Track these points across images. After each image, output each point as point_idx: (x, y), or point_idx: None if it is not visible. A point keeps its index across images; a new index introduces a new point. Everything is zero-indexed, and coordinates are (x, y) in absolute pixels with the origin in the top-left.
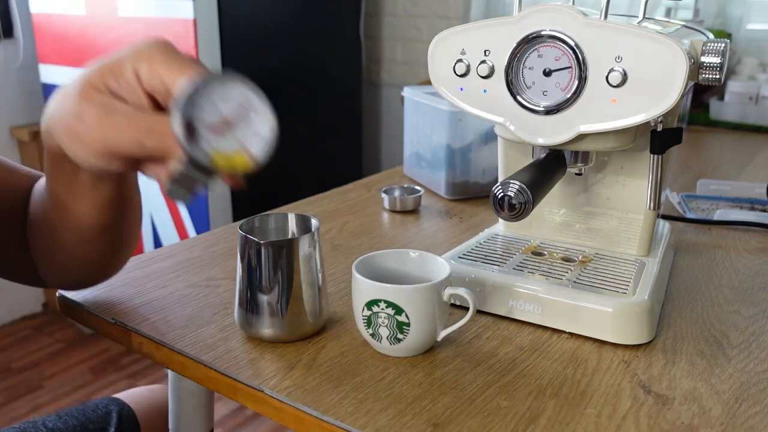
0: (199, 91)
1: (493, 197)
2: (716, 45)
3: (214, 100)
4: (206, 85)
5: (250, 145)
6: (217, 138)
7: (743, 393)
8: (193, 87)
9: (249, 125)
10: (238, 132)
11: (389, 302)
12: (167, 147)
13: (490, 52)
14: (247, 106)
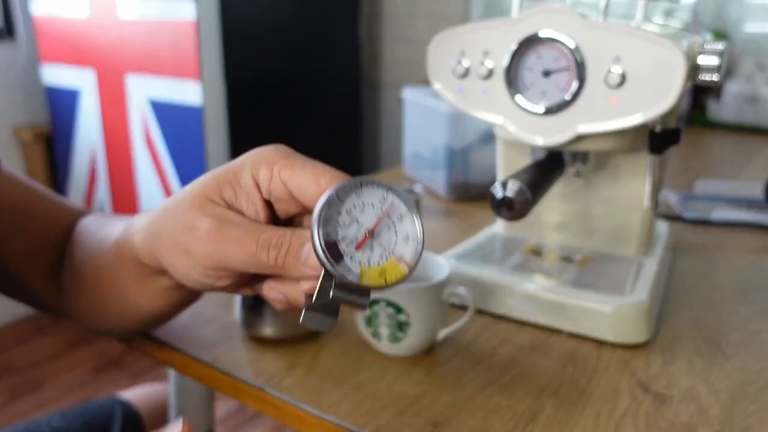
0: (335, 205)
1: (493, 197)
2: (714, 46)
3: (352, 211)
4: (342, 195)
5: (401, 251)
6: (362, 252)
7: (741, 392)
8: (329, 199)
9: (393, 229)
10: (384, 239)
11: (389, 302)
12: (287, 263)
13: (489, 53)
14: (388, 209)
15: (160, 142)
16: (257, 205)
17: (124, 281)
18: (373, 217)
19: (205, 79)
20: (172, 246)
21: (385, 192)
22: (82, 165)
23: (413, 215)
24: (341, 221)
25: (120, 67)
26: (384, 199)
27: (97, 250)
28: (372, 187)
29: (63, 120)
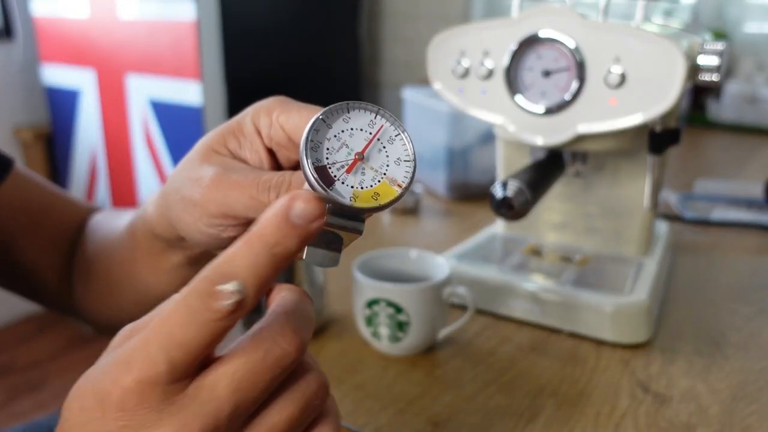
0: (323, 130)
1: (493, 197)
2: (714, 46)
3: (340, 135)
4: (329, 120)
5: (393, 173)
6: (354, 176)
7: (741, 391)
8: (316, 125)
9: (384, 152)
10: (374, 162)
11: (389, 302)
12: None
13: (489, 53)
14: (377, 132)
15: (160, 142)
16: (260, 153)
17: (137, 264)
18: (362, 140)
19: (205, 79)
20: (179, 200)
21: (374, 115)
22: (82, 165)
23: (404, 137)
24: (330, 146)
25: (120, 67)
26: (372, 122)
27: (108, 239)
28: (359, 111)
29: (63, 120)
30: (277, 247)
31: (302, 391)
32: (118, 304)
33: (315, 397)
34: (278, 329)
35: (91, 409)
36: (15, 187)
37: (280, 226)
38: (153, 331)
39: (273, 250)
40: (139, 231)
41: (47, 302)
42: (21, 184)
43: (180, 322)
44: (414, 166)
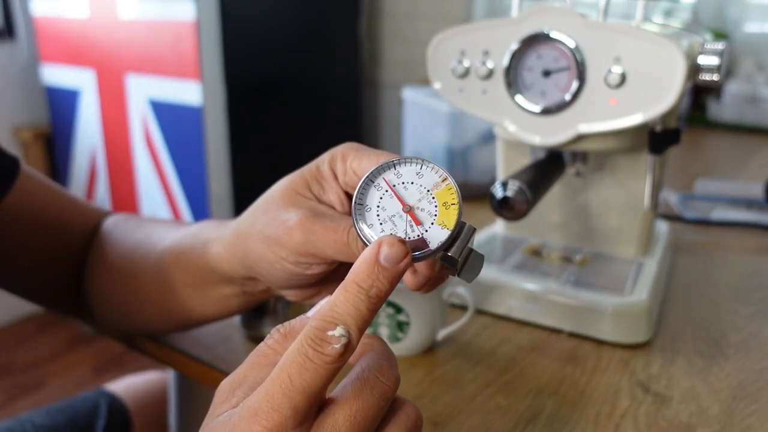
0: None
1: (493, 197)
2: (714, 46)
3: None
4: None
5: (444, 178)
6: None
7: (741, 392)
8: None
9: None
10: (425, 207)
11: (389, 302)
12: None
13: (489, 53)
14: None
15: (159, 142)
16: (340, 196)
17: (180, 287)
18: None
19: (205, 79)
20: (263, 240)
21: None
22: (82, 165)
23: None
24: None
25: (120, 67)
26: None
27: (139, 253)
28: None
29: (63, 120)
30: (373, 290)
31: (404, 422)
32: (144, 317)
33: (415, 426)
34: (377, 369)
35: None
36: (24, 190)
37: (372, 271)
38: (274, 381)
39: (369, 293)
40: (193, 262)
41: (58, 306)
42: (30, 187)
43: (298, 370)
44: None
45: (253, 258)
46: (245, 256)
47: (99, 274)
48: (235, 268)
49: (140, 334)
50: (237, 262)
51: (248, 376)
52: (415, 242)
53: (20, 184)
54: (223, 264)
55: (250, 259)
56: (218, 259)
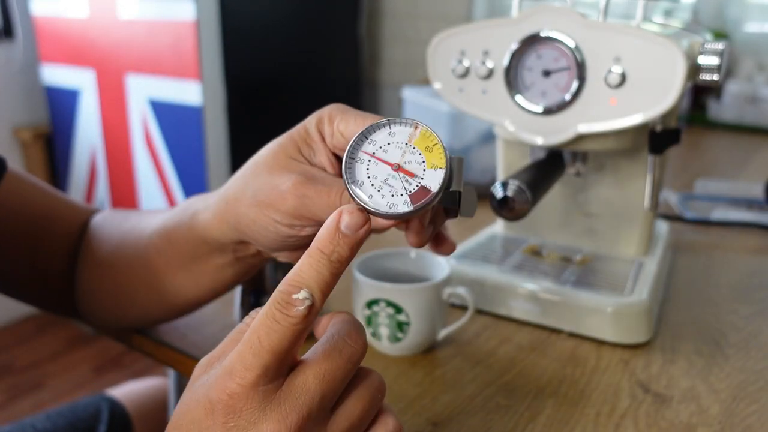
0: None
1: (493, 197)
2: (714, 46)
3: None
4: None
5: (415, 125)
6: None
7: (741, 392)
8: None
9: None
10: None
11: (389, 302)
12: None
13: (489, 52)
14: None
15: (159, 142)
16: (329, 157)
17: (173, 267)
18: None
19: (205, 79)
20: (255, 204)
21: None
22: (81, 165)
23: (441, 145)
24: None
25: (120, 67)
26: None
27: (127, 242)
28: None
29: (63, 120)
30: (334, 255)
31: (368, 386)
32: (138, 306)
33: (378, 391)
34: (346, 334)
35: (201, 419)
36: (10, 190)
37: (333, 237)
38: (245, 343)
39: (331, 258)
40: (182, 237)
41: (51, 307)
42: (18, 188)
43: (266, 331)
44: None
45: (245, 222)
46: (237, 221)
47: (89, 271)
48: (226, 233)
49: (136, 326)
50: (228, 227)
51: (226, 351)
52: (417, 194)
53: (6, 184)
54: (214, 231)
55: (242, 224)
56: (208, 227)
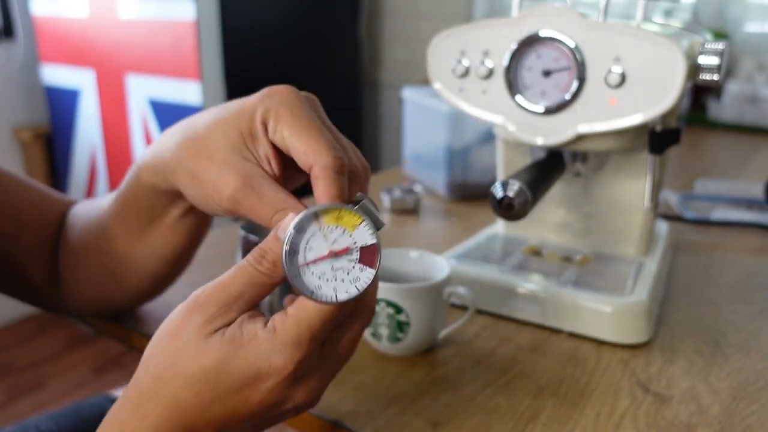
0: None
1: (493, 197)
2: (714, 46)
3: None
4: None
5: (313, 213)
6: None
7: (741, 392)
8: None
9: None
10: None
11: (389, 302)
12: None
13: (489, 52)
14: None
15: None
16: (267, 153)
17: (135, 232)
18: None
19: (205, 79)
20: (193, 185)
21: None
22: (81, 165)
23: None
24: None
25: (120, 67)
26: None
27: (95, 222)
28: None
29: (63, 120)
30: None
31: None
32: (117, 283)
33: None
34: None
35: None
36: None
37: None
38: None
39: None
40: (135, 199)
41: (36, 302)
42: (3, 180)
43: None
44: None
45: (183, 190)
46: (175, 183)
47: (67, 261)
48: (171, 179)
49: (124, 305)
50: (173, 174)
51: (244, 293)
52: (364, 254)
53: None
54: (160, 183)
55: (180, 189)
56: (153, 179)
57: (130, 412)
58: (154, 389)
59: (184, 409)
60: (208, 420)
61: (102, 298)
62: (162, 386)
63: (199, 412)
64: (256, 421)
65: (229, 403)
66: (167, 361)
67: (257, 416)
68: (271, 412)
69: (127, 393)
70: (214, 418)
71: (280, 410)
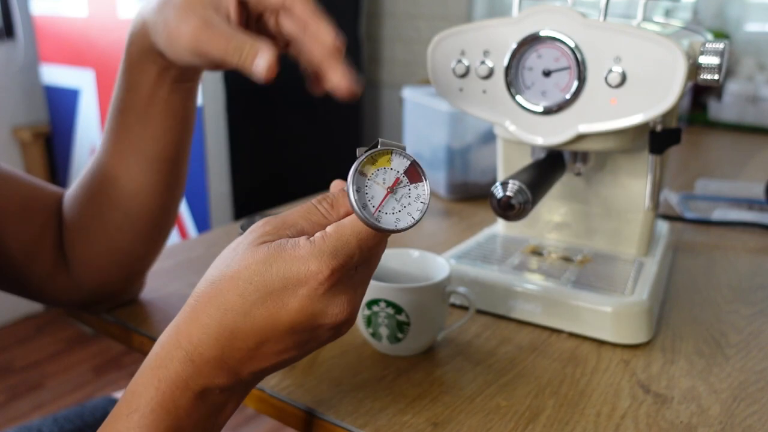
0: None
1: (493, 197)
2: (715, 46)
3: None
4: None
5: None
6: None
7: (742, 392)
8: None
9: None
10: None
11: (389, 302)
12: (246, 66)
13: (489, 52)
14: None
15: None
16: (235, 7)
17: (130, 147)
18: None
19: (205, 79)
20: (167, 34)
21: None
22: (81, 165)
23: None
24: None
25: None
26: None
27: (90, 181)
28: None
29: (62, 120)
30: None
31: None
32: (131, 225)
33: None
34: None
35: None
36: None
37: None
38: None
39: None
40: (138, 66)
41: (38, 296)
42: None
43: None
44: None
45: (157, 42)
46: (155, 39)
47: (76, 235)
48: (151, 43)
49: (138, 264)
50: (148, 42)
51: (298, 223)
52: (411, 175)
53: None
54: (144, 48)
55: (158, 42)
56: (139, 48)
57: (185, 314)
58: (206, 292)
59: (230, 310)
60: (251, 324)
61: (119, 259)
62: (213, 289)
63: (242, 314)
64: (297, 336)
65: (270, 306)
66: (221, 267)
67: (297, 328)
68: (310, 325)
69: (187, 301)
70: (257, 324)
71: (317, 323)
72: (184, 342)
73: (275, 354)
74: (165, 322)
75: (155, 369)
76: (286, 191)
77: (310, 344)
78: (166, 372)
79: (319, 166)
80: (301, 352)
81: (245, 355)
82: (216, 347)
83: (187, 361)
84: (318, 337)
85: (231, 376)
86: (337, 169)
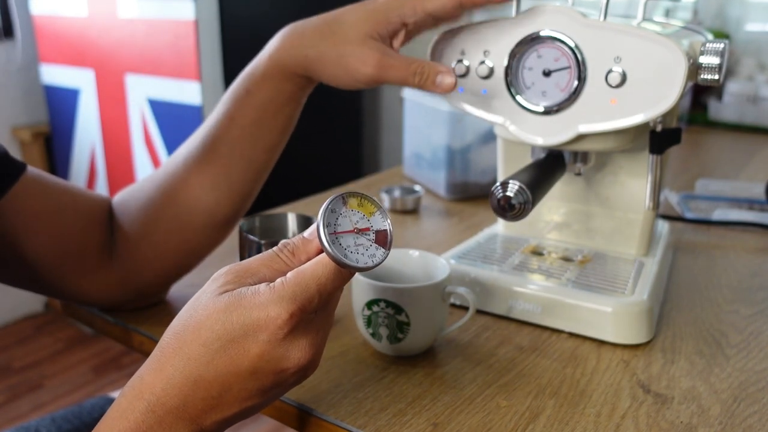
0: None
1: (493, 197)
2: (715, 46)
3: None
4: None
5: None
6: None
7: (742, 392)
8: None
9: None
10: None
11: (389, 302)
12: (425, 86)
13: (489, 52)
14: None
15: (159, 142)
16: (400, 35)
17: (255, 117)
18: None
19: (205, 79)
20: (342, 68)
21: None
22: (81, 165)
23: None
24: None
25: (119, 67)
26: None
27: (160, 186)
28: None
29: (62, 119)
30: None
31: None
32: (194, 229)
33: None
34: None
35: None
36: (28, 193)
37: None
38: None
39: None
40: (268, 84)
41: (75, 293)
42: (42, 187)
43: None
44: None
45: (323, 73)
46: (314, 70)
47: (131, 237)
48: (303, 72)
49: (194, 256)
50: (301, 66)
51: (260, 271)
52: (379, 237)
53: (24, 187)
54: (292, 76)
55: (325, 76)
56: (283, 75)
57: (150, 365)
58: (170, 344)
59: (193, 360)
60: (214, 373)
61: (176, 262)
62: (176, 340)
63: (204, 363)
64: (259, 383)
65: (232, 354)
66: (184, 317)
67: (259, 373)
68: (272, 370)
69: (153, 352)
70: (220, 371)
71: (280, 368)
72: (146, 393)
73: (238, 402)
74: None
75: (116, 420)
76: (286, 191)
77: (275, 390)
78: (127, 423)
79: (319, 166)
80: (265, 399)
81: (208, 404)
82: (179, 396)
83: (149, 412)
84: (283, 381)
85: (193, 427)
86: (337, 169)
